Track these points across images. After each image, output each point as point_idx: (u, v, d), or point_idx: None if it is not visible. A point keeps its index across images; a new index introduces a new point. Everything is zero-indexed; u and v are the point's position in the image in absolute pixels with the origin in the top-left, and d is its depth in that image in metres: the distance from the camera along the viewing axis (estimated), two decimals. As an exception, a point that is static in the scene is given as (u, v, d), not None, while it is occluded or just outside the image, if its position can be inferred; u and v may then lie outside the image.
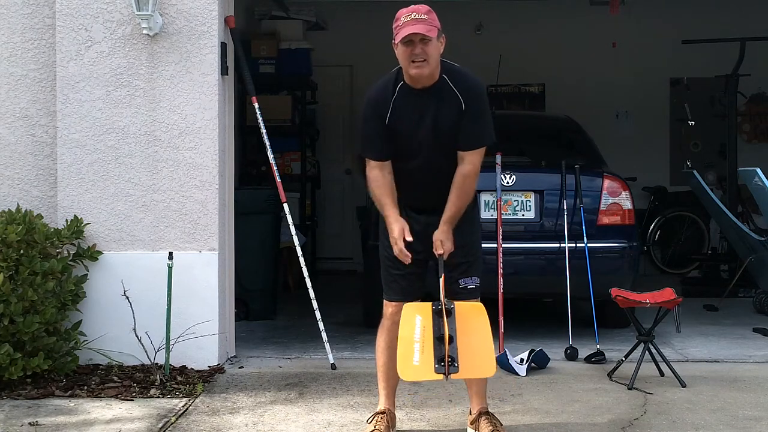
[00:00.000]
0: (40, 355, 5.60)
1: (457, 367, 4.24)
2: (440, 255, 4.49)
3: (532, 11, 11.30)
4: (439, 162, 4.53)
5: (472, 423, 4.73)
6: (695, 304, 8.49)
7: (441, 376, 4.25)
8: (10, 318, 5.46)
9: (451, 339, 4.27)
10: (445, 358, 4.23)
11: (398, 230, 4.49)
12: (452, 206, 4.54)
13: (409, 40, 4.38)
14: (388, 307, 4.71)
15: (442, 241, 4.51)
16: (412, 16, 4.41)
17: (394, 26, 4.45)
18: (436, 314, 4.36)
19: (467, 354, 4.27)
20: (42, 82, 6.35)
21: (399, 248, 4.48)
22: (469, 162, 4.53)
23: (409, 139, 4.52)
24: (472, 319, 4.38)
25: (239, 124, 8.84)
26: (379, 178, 4.59)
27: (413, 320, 4.39)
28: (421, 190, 4.60)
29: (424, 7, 4.47)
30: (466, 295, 4.60)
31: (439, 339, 4.29)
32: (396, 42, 4.44)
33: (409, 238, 4.47)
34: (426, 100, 4.49)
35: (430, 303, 4.42)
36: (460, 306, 4.41)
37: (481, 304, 4.52)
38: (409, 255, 4.48)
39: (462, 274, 4.61)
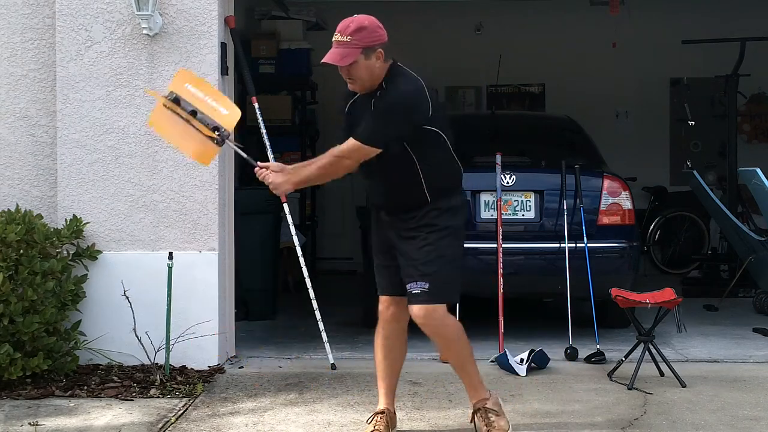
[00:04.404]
0: (39, 355, 5.60)
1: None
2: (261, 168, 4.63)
3: (532, 11, 11.29)
4: (385, 162, 4.47)
5: (471, 420, 4.73)
6: (695, 304, 8.48)
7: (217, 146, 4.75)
8: (9, 318, 5.46)
9: (196, 113, 4.64)
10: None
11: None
12: (305, 168, 4.56)
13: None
14: (379, 302, 4.75)
15: (272, 169, 4.58)
16: (335, 38, 4.35)
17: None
18: (174, 102, 4.68)
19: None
20: (42, 82, 6.35)
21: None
22: (345, 144, 4.45)
23: None
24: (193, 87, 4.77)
25: (239, 124, 8.81)
26: None
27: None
28: (377, 189, 4.64)
29: (355, 24, 4.33)
30: (411, 299, 4.49)
31: (192, 113, 4.66)
32: None
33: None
34: (366, 105, 4.46)
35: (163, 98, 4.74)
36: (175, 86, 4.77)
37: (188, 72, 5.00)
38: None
39: (408, 277, 4.48)
